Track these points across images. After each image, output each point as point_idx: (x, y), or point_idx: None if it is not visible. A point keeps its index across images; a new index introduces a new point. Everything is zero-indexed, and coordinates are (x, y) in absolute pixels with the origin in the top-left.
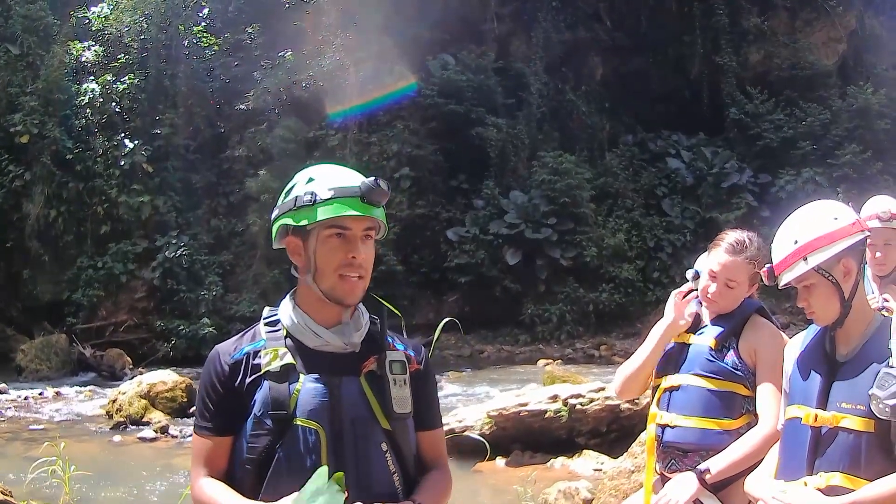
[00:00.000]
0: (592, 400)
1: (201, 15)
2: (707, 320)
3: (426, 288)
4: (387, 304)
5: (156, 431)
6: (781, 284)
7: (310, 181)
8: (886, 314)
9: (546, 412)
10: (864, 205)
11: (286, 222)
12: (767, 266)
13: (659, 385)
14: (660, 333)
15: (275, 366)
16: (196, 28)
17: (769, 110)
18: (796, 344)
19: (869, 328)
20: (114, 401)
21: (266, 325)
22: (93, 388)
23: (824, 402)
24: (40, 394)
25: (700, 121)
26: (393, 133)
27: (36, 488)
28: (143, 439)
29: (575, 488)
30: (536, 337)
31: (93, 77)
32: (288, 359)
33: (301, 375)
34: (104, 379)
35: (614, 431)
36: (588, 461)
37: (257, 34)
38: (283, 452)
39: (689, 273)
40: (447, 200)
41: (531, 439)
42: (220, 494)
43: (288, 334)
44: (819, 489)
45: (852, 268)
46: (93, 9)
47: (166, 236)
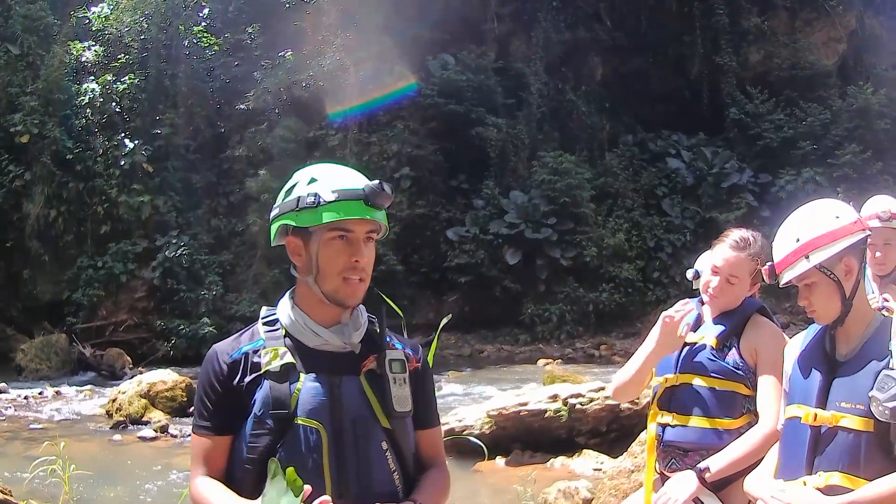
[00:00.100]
0: (592, 399)
1: (201, 15)
2: (708, 319)
3: (426, 288)
4: (391, 304)
5: (156, 431)
6: (783, 282)
7: (312, 182)
8: (887, 314)
9: (546, 412)
10: (864, 204)
11: (287, 222)
12: (769, 264)
13: (659, 384)
14: (646, 354)
15: (275, 365)
16: (196, 28)
17: (769, 110)
18: (796, 344)
19: (869, 328)
20: (114, 400)
21: (264, 325)
22: (93, 388)
23: (824, 402)
24: (40, 393)
25: (700, 121)
26: (393, 133)
27: (36, 487)
28: (143, 439)
29: (575, 488)
30: (536, 337)
31: (93, 77)
32: (288, 358)
33: (301, 375)
34: (104, 378)
35: (614, 431)
36: (588, 461)
37: (257, 34)
38: (284, 452)
39: (690, 273)
40: (447, 200)
41: (531, 439)
42: (216, 494)
43: (287, 334)
44: (818, 488)
45: (853, 266)
46: (93, 9)
47: (166, 236)
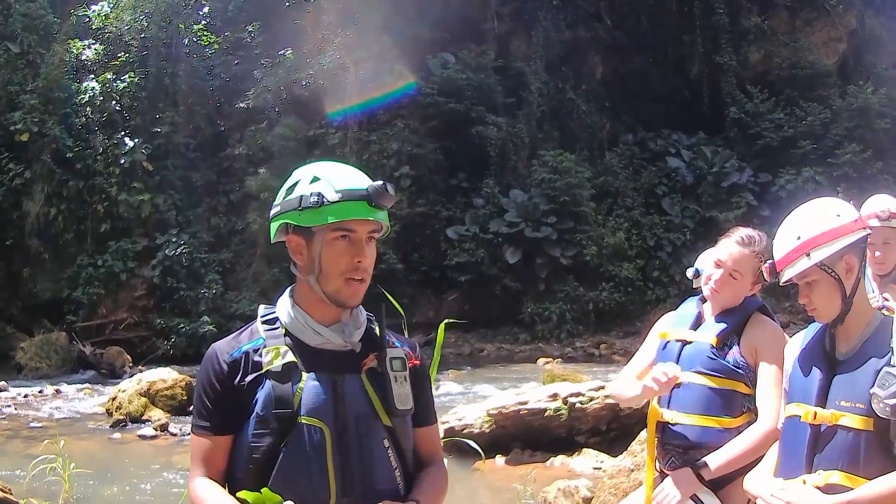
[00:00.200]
0: (592, 398)
1: (201, 13)
2: (708, 317)
3: (426, 286)
4: (394, 302)
5: (155, 429)
6: (783, 280)
7: (315, 181)
8: (887, 313)
9: (546, 411)
10: (864, 204)
11: (289, 221)
12: (769, 262)
13: None
14: (636, 394)
15: (277, 364)
16: (196, 26)
17: (769, 110)
18: (796, 342)
19: (869, 326)
20: (113, 399)
21: (264, 324)
22: (93, 386)
23: (823, 400)
24: (40, 392)
25: (700, 120)
26: (393, 132)
27: (36, 486)
28: (143, 437)
29: (574, 487)
30: (536, 335)
31: (93, 75)
32: (290, 357)
33: (303, 374)
34: (104, 377)
35: (614, 430)
36: (588, 460)
37: (257, 33)
38: (288, 451)
39: (690, 271)
40: (447, 199)
41: (531, 438)
42: (213, 496)
43: (287, 332)
44: (818, 487)
45: (854, 264)
46: (93, 7)
47: (166, 234)
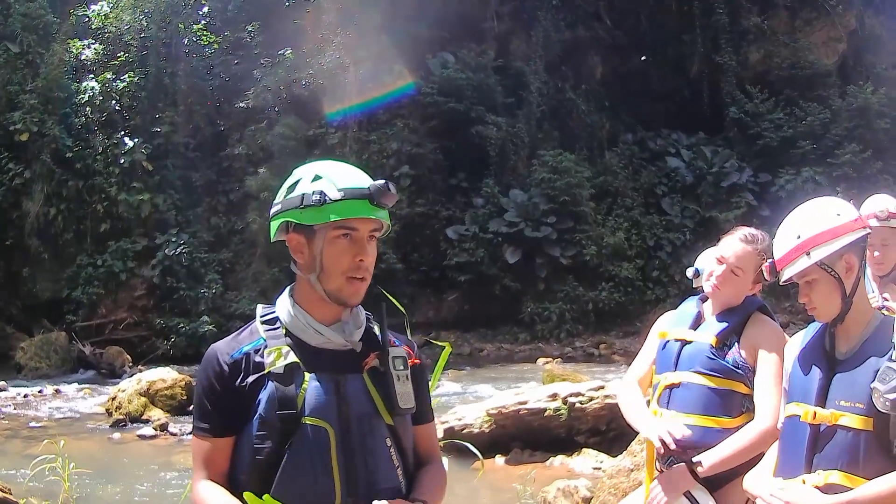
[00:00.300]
0: (592, 398)
1: (201, 13)
2: (708, 317)
3: (426, 286)
4: (396, 303)
5: (155, 429)
6: (783, 279)
7: (316, 179)
8: (887, 313)
9: (545, 410)
10: (863, 203)
11: (290, 219)
12: (770, 261)
13: (659, 382)
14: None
15: (279, 365)
16: (196, 26)
17: (769, 109)
18: (796, 342)
19: (869, 326)
20: (113, 398)
21: (263, 324)
22: (92, 386)
23: (823, 400)
24: (40, 391)
25: (700, 120)
26: (393, 131)
27: (35, 486)
28: (143, 437)
29: (574, 486)
30: (536, 335)
31: (92, 75)
32: (292, 357)
33: (305, 374)
34: (104, 377)
35: (613, 430)
36: (587, 459)
37: (257, 32)
38: (292, 452)
39: (690, 271)
40: (447, 199)
41: (531, 437)
42: (218, 499)
43: (287, 332)
44: (817, 487)
45: (854, 264)
46: (92, 7)
47: (166, 234)
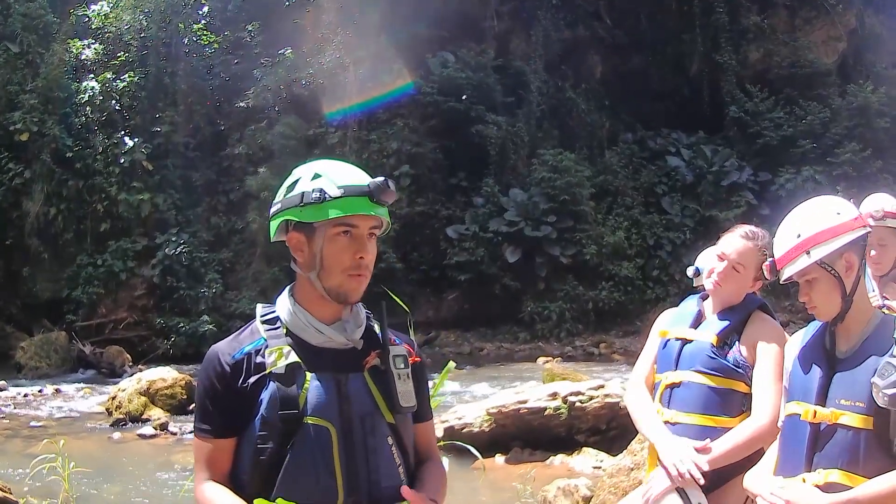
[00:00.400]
0: (592, 397)
1: (201, 13)
2: (709, 316)
3: (426, 286)
4: (400, 302)
5: (155, 428)
6: (783, 278)
7: (316, 177)
8: (887, 312)
9: (545, 410)
10: (862, 202)
11: (290, 218)
12: (770, 260)
13: (660, 381)
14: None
15: (281, 365)
16: (196, 26)
17: (769, 108)
18: (796, 341)
19: (869, 325)
20: (113, 398)
21: (263, 323)
22: (92, 386)
23: (823, 399)
24: (40, 391)
25: (700, 119)
26: (393, 131)
27: (35, 485)
28: (143, 436)
29: (574, 486)
30: (536, 335)
31: (92, 75)
32: (293, 357)
33: (307, 373)
34: (104, 376)
35: (614, 429)
36: (587, 458)
37: (257, 32)
38: (294, 452)
39: (690, 270)
40: (447, 198)
41: (531, 437)
42: (222, 500)
43: (288, 332)
44: (817, 486)
45: (854, 262)
46: (92, 7)
47: (166, 234)
